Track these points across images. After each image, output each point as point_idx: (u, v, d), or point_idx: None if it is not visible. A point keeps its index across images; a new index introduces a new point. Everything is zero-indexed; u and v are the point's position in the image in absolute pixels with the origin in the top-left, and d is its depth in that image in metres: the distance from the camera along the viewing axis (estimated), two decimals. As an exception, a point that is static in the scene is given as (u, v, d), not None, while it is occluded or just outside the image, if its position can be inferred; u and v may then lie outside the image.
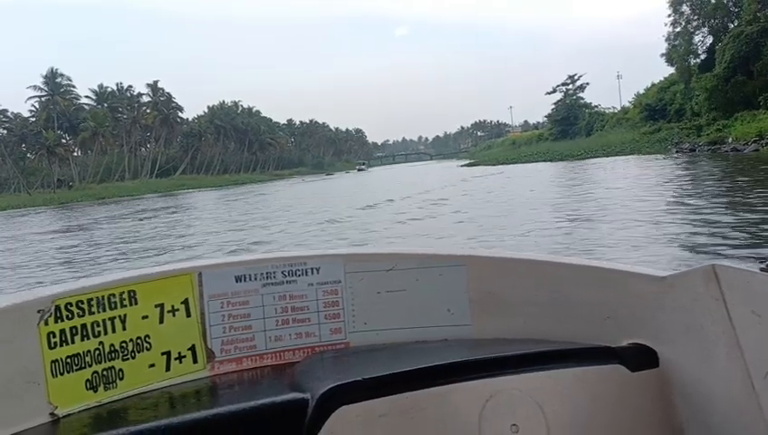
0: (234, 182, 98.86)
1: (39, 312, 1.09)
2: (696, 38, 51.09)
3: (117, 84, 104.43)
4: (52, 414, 1.09)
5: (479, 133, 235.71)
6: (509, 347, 1.26)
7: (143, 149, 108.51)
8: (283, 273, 1.34)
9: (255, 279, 1.32)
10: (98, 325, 1.16)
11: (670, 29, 52.32)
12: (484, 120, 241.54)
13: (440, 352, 1.29)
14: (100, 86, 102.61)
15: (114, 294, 1.18)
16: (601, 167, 35.57)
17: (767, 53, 40.55)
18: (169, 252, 13.72)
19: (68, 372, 1.12)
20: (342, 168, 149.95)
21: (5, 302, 1.08)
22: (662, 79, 59.93)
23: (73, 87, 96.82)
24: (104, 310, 1.17)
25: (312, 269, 1.36)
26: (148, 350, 1.23)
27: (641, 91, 68.91)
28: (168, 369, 1.25)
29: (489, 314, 1.37)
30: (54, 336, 1.10)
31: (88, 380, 1.14)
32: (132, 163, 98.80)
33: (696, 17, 50.44)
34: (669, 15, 51.86)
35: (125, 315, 1.20)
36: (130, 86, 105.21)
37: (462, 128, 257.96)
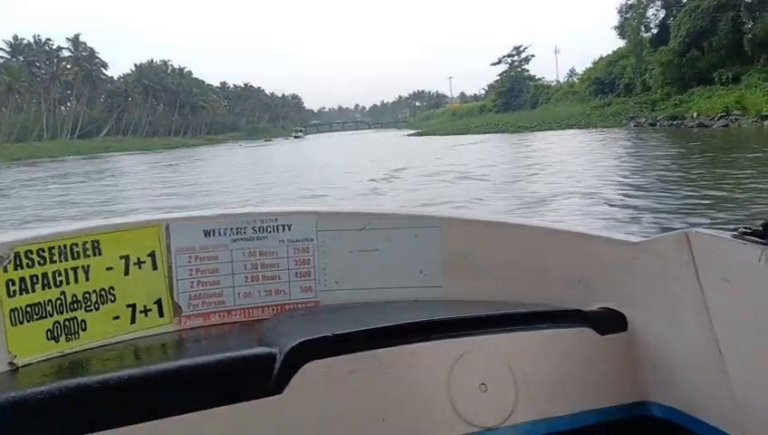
0: (164, 146, 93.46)
1: None
2: (650, 12, 50.68)
3: (34, 36, 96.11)
4: (10, 363, 1.07)
5: (417, 103, 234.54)
6: (480, 309, 1.24)
7: (63, 108, 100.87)
8: (253, 229, 1.31)
9: (225, 234, 1.30)
10: (59, 275, 1.13)
11: (623, 1, 51.65)
12: (423, 91, 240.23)
13: (411, 311, 1.28)
14: (15, 37, 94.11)
15: (77, 244, 1.15)
16: (563, 141, 34.24)
17: (723, 29, 40.34)
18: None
19: (28, 322, 1.09)
20: (278, 133, 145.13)
21: None
22: (611, 52, 59.54)
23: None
24: (66, 259, 1.14)
25: (283, 226, 1.33)
26: (112, 302, 1.20)
27: (575, 66, 68.55)
28: (133, 322, 1.23)
29: (462, 277, 1.35)
30: (14, 284, 1.08)
31: (49, 330, 1.12)
32: (51, 122, 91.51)
33: (650, -11, 49.95)
34: (624, -13, 51.14)
35: (88, 266, 1.17)
36: (49, 39, 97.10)
37: (400, 97, 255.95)
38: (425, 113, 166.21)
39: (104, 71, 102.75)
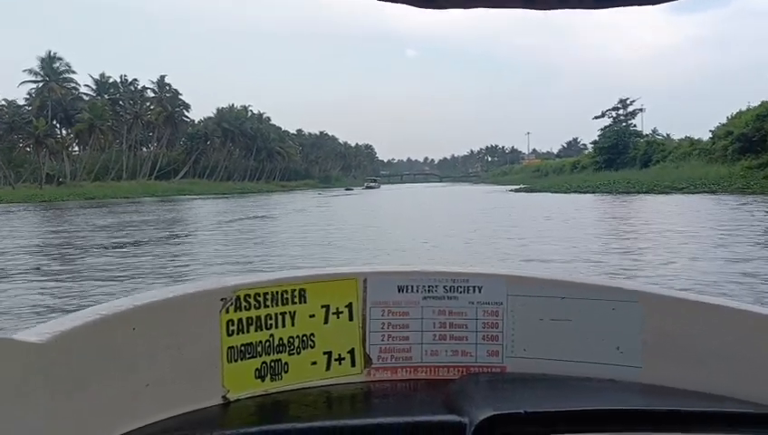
0: (239, 191, 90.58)
1: (222, 300, 1.17)
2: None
3: (120, 76, 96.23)
4: (224, 398, 1.17)
5: (489, 159, 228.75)
6: (683, 400, 1.17)
7: (144, 148, 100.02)
8: (444, 287, 1.33)
9: (417, 291, 1.33)
10: (270, 318, 1.23)
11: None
12: (496, 145, 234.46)
13: (607, 393, 1.23)
14: (102, 75, 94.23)
15: (287, 291, 1.25)
16: None
17: None
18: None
19: (241, 360, 1.20)
20: (351, 183, 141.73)
21: (194, 288, 1.17)
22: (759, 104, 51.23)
23: (73, 72, 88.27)
24: (277, 304, 1.24)
25: (474, 287, 1.34)
26: (311, 348, 1.28)
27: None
28: (327, 368, 1.29)
29: (664, 360, 1.28)
30: (233, 324, 1.18)
31: (257, 369, 1.22)
32: (131, 162, 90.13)
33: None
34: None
35: (294, 312, 1.26)
36: (135, 79, 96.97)
37: (471, 151, 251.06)
38: (500, 169, 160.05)
39: (186, 113, 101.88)
